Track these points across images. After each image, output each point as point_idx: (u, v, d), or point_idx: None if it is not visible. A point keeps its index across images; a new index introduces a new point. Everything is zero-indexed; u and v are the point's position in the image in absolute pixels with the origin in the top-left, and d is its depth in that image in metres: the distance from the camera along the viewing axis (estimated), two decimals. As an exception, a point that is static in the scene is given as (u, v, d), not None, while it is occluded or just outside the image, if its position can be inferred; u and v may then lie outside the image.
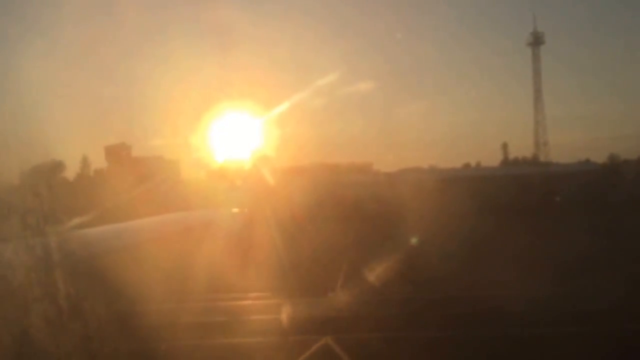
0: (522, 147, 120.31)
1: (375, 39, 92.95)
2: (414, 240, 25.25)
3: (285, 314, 13.30)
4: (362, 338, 11.50)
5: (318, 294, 15.40)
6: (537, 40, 68.70)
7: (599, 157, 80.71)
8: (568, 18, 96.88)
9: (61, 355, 7.94)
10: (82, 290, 9.16)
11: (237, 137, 58.06)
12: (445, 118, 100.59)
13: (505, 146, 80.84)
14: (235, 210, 30.33)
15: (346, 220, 34.00)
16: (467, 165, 76.84)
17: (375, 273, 16.76)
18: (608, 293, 13.88)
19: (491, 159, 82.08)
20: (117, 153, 63.89)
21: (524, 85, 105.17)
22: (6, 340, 7.43)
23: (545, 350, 10.53)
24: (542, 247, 25.14)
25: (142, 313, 12.63)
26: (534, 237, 28.28)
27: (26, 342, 7.53)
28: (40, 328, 7.87)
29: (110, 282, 11.66)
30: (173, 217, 21.93)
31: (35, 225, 9.71)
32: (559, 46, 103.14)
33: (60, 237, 10.79)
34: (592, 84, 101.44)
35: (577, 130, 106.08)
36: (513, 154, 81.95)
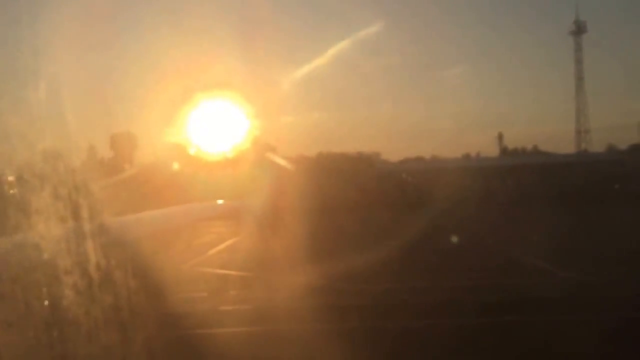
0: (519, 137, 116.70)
1: (403, 24, 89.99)
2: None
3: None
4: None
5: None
6: (579, 29, 67.40)
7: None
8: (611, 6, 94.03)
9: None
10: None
11: (235, 127, 55.25)
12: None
13: (500, 136, 77.61)
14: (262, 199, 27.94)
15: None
16: (467, 156, 73.59)
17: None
18: None
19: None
20: (122, 141, 62.00)
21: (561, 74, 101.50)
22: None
23: None
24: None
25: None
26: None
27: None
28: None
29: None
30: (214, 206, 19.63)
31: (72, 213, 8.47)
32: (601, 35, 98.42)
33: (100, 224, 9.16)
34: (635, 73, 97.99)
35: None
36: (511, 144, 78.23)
